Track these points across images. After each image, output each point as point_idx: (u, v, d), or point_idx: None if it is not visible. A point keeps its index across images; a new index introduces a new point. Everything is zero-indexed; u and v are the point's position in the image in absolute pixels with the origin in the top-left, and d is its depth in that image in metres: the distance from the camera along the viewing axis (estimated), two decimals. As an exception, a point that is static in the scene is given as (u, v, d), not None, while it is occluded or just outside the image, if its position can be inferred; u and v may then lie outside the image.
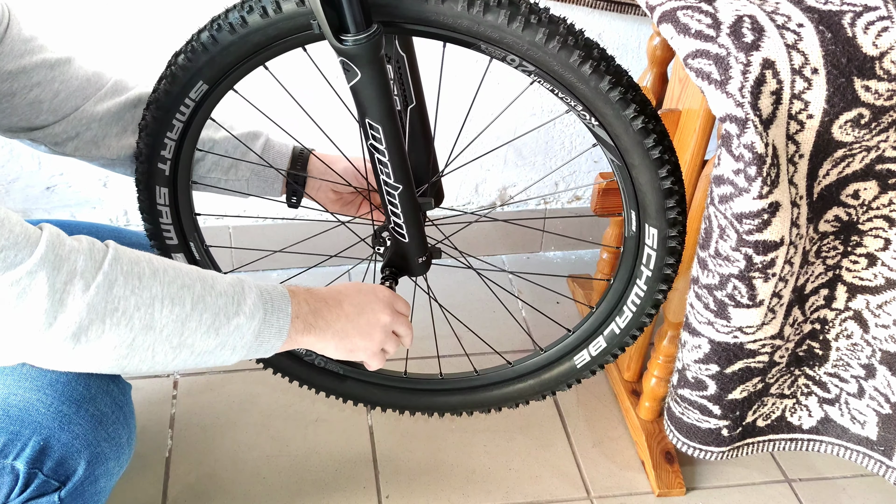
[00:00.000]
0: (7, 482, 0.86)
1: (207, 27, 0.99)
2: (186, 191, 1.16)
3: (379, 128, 0.98)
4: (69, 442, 0.87)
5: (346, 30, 0.90)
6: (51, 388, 0.86)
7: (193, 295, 0.85)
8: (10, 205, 1.70)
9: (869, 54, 0.97)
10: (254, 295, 0.90)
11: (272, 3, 0.95)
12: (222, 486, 1.42)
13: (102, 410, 0.89)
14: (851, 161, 1.04)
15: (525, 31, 0.92)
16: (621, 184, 1.08)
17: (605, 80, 0.95)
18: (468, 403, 1.35)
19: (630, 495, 1.45)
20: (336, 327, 1.00)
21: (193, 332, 0.85)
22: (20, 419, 0.85)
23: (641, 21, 1.68)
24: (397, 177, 1.03)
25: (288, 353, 1.31)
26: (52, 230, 0.80)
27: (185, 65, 1.01)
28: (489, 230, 1.93)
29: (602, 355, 1.24)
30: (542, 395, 1.31)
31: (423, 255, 1.14)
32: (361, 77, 0.93)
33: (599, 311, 1.23)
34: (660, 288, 1.13)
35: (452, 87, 1.27)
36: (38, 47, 1.05)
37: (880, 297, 1.17)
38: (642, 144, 0.99)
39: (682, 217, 1.07)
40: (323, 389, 1.36)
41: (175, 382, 1.59)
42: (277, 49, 1.00)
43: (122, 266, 0.81)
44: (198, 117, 1.08)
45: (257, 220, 1.83)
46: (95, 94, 1.10)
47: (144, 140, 1.09)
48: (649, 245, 1.10)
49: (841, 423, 1.32)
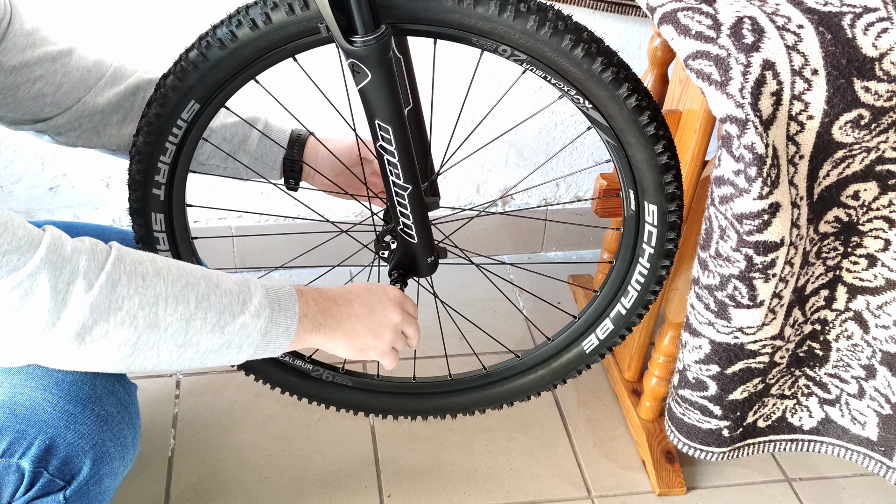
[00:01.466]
0: (13, 481, 0.86)
1: (195, 45, 0.99)
2: (182, 214, 1.14)
3: (388, 128, 0.98)
4: (74, 441, 0.87)
5: (355, 31, 0.90)
6: (57, 388, 0.87)
7: (198, 293, 0.85)
8: (13, 205, 1.71)
9: (869, 55, 0.97)
10: (260, 294, 0.90)
11: (261, 14, 0.95)
12: (225, 485, 1.42)
13: (108, 410, 0.90)
14: (851, 162, 1.04)
15: (516, 19, 0.93)
16: (617, 164, 1.09)
17: (597, 61, 0.96)
18: (480, 401, 1.35)
19: (631, 495, 1.45)
20: (346, 326, 1.00)
21: (198, 330, 0.85)
22: (26, 418, 0.85)
23: (642, 22, 1.69)
24: (406, 177, 1.03)
25: (296, 371, 1.30)
26: (54, 232, 0.80)
27: (175, 85, 1.00)
28: (490, 231, 1.94)
29: (610, 337, 1.24)
30: (554, 385, 1.32)
31: (431, 254, 1.15)
32: (371, 78, 0.93)
33: (604, 294, 1.23)
34: (663, 264, 1.14)
35: (451, 88, 1.27)
36: (40, 40, 1.05)
37: (880, 298, 1.17)
38: (637, 122, 1.01)
39: (679, 191, 1.08)
40: (333, 403, 1.35)
41: (178, 382, 1.60)
42: (268, 61, 1.00)
43: (126, 265, 0.81)
44: (190, 138, 1.06)
45: (259, 220, 1.83)
46: (96, 85, 1.10)
47: (137, 166, 1.07)
48: (650, 222, 1.10)
49: (841, 424, 1.32)
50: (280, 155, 1.23)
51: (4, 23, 1.01)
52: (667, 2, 1.03)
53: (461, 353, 1.51)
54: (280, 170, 1.25)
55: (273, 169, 1.24)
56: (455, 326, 1.47)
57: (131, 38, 1.55)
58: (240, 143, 1.20)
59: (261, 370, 1.29)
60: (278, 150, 1.23)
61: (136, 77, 1.14)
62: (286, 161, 1.24)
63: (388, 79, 0.94)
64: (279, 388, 1.32)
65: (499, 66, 1.61)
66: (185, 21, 1.53)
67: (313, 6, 0.93)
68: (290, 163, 1.24)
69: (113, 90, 1.12)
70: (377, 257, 1.18)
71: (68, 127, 1.10)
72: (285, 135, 1.24)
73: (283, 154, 1.23)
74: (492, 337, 1.52)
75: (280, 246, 1.79)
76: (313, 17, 0.94)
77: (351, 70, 0.94)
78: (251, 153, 1.22)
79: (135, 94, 1.13)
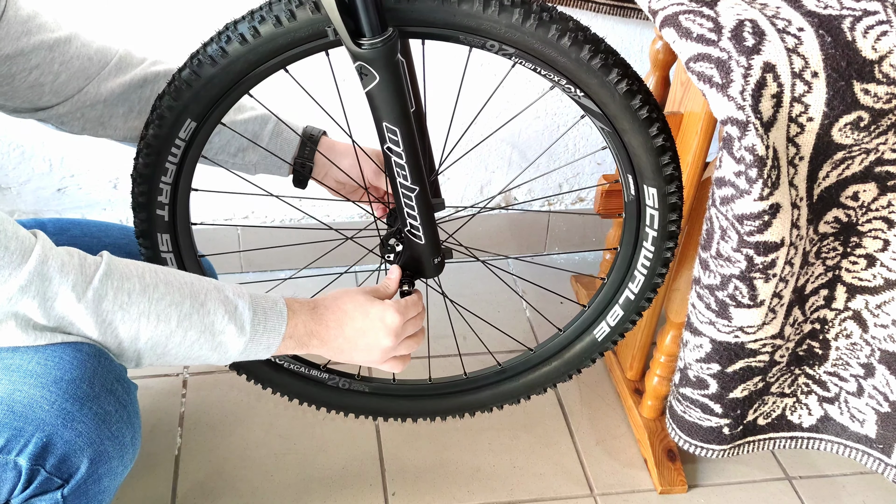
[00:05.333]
0: (10, 478, 0.86)
1: (188, 64, 1.00)
2: (187, 233, 1.15)
3: (396, 130, 0.99)
4: (72, 440, 0.87)
5: (362, 34, 0.91)
6: (55, 386, 0.86)
7: (180, 313, 0.90)
8: (21, 207, 1.72)
9: (868, 58, 0.97)
10: (246, 315, 0.95)
11: (249, 28, 0.95)
12: (231, 483, 1.43)
13: (106, 409, 0.89)
14: (851, 163, 1.05)
15: (501, 14, 0.94)
16: (614, 151, 1.10)
17: (584, 49, 0.97)
18: (497, 397, 1.36)
19: (633, 493, 1.46)
20: (333, 345, 1.03)
21: (177, 345, 0.91)
22: (24, 416, 0.85)
23: (644, 25, 1.70)
24: (414, 178, 1.04)
25: (313, 381, 1.32)
26: (44, 244, 0.83)
27: (170, 105, 1.01)
28: (494, 233, 1.94)
29: (621, 323, 1.25)
30: (569, 376, 1.32)
31: (438, 255, 1.15)
32: (380, 80, 0.94)
33: (611, 281, 1.24)
34: (667, 246, 1.15)
35: (450, 88, 1.28)
36: (36, 27, 1.03)
37: (879, 298, 1.18)
38: (630, 107, 1.01)
39: (678, 172, 1.08)
40: (352, 411, 1.36)
41: (184, 381, 1.60)
42: (260, 74, 1.01)
43: (113, 282, 0.87)
44: (189, 156, 1.07)
45: (265, 221, 1.84)
46: (99, 74, 1.08)
47: (140, 189, 1.07)
48: (651, 206, 1.11)
49: (840, 422, 1.33)
50: (290, 154, 1.23)
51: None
52: (668, 5, 1.04)
53: (474, 353, 1.52)
54: (289, 168, 1.25)
55: (281, 168, 1.24)
56: (466, 325, 1.47)
57: (140, 21, 1.54)
58: (251, 139, 1.20)
59: (278, 382, 1.30)
60: (290, 147, 1.23)
61: (143, 69, 1.12)
62: (297, 160, 1.24)
63: (396, 81, 0.95)
64: (297, 400, 1.33)
65: (500, 66, 1.62)
66: (197, 9, 1.54)
67: (301, 16, 0.94)
68: (300, 162, 1.24)
69: (117, 80, 1.10)
70: (383, 261, 1.18)
71: (70, 116, 1.09)
72: (298, 131, 1.24)
73: (295, 152, 1.23)
74: (505, 333, 1.53)
75: (286, 248, 1.80)
76: (302, 27, 0.95)
77: (358, 73, 0.95)
78: (260, 152, 1.21)
79: (142, 86, 1.11)
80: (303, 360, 1.31)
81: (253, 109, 1.20)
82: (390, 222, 1.20)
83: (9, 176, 1.67)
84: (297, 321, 0.99)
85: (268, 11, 0.95)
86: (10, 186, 1.68)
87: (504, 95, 1.72)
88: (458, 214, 1.66)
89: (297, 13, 0.94)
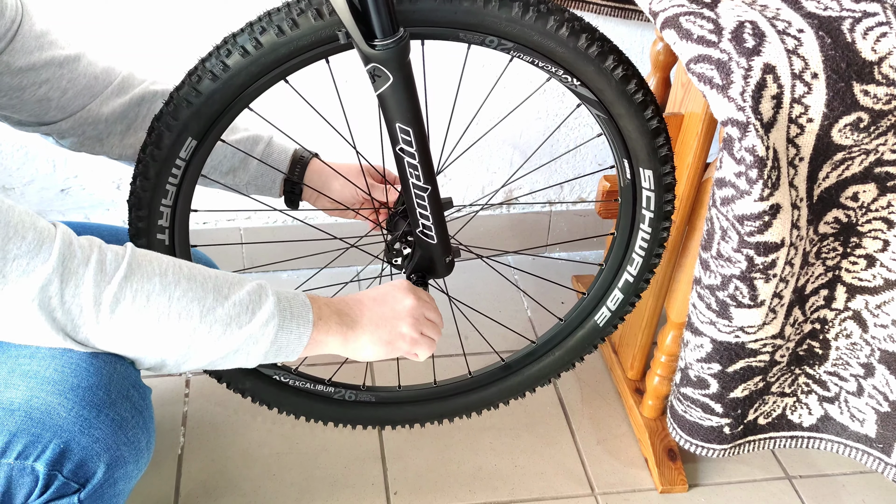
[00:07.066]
0: (27, 483, 0.87)
1: (186, 81, 0.98)
2: (185, 254, 1.13)
3: (409, 130, 0.99)
4: (89, 445, 0.87)
5: (374, 36, 0.92)
6: (72, 393, 0.87)
7: (203, 308, 0.89)
8: (25, 207, 1.72)
9: (868, 59, 0.98)
10: (270, 303, 0.93)
11: (251, 40, 0.95)
12: (233, 482, 1.43)
13: (122, 415, 0.90)
14: (850, 164, 1.05)
15: (501, 9, 0.96)
16: (609, 137, 1.12)
17: (581, 38, 0.99)
18: (504, 392, 1.37)
19: (633, 492, 1.46)
20: (364, 321, 1.02)
21: (202, 340, 0.90)
22: (41, 422, 0.86)
23: (644, 26, 1.70)
24: (426, 178, 1.04)
25: (318, 396, 1.31)
26: (64, 237, 0.83)
27: (169, 123, 0.99)
28: (495, 233, 1.95)
29: (621, 307, 1.27)
30: (572, 364, 1.34)
31: (449, 254, 1.15)
32: (393, 81, 0.95)
33: (609, 266, 1.25)
34: (664, 226, 1.17)
35: (450, 88, 1.28)
36: (48, 43, 1.04)
37: (879, 298, 1.18)
38: (625, 92, 1.04)
39: (671, 152, 1.11)
40: (360, 422, 1.36)
41: (188, 381, 1.61)
42: (261, 87, 0.99)
43: (133, 284, 0.86)
44: (188, 176, 1.05)
45: (268, 221, 1.85)
46: (103, 93, 1.10)
47: (137, 214, 1.05)
48: (647, 187, 1.14)
49: (840, 421, 1.33)
50: (280, 176, 1.23)
51: (16, 24, 1.01)
52: (669, 6, 1.04)
53: (477, 352, 1.52)
54: (280, 189, 1.25)
55: (272, 189, 1.25)
56: (469, 324, 1.47)
57: (143, 41, 1.56)
58: (240, 162, 1.21)
59: (284, 402, 1.30)
60: (277, 172, 1.23)
61: (142, 88, 1.13)
62: (286, 182, 1.24)
63: (408, 81, 0.96)
64: (304, 417, 1.33)
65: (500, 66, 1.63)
66: (198, 25, 1.54)
67: (304, 24, 0.94)
68: (290, 184, 1.25)
69: (119, 100, 1.11)
70: (390, 265, 1.19)
71: (72, 132, 1.11)
72: (287, 154, 1.24)
73: (283, 176, 1.24)
74: (506, 327, 1.53)
75: (290, 251, 1.80)
76: (304, 35, 0.95)
77: (370, 76, 0.95)
78: (251, 172, 1.22)
79: (139, 104, 1.13)
80: (307, 376, 1.30)
81: (246, 130, 1.20)
82: (391, 227, 1.20)
83: (13, 176, 1.68)
84: (319, 305, 0.99)
85: (268, 21, 0.94)
86: (13, 187, 1.69)
87: (504, 95, 1.73)
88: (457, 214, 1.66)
89: (300, 21, 0.94)
